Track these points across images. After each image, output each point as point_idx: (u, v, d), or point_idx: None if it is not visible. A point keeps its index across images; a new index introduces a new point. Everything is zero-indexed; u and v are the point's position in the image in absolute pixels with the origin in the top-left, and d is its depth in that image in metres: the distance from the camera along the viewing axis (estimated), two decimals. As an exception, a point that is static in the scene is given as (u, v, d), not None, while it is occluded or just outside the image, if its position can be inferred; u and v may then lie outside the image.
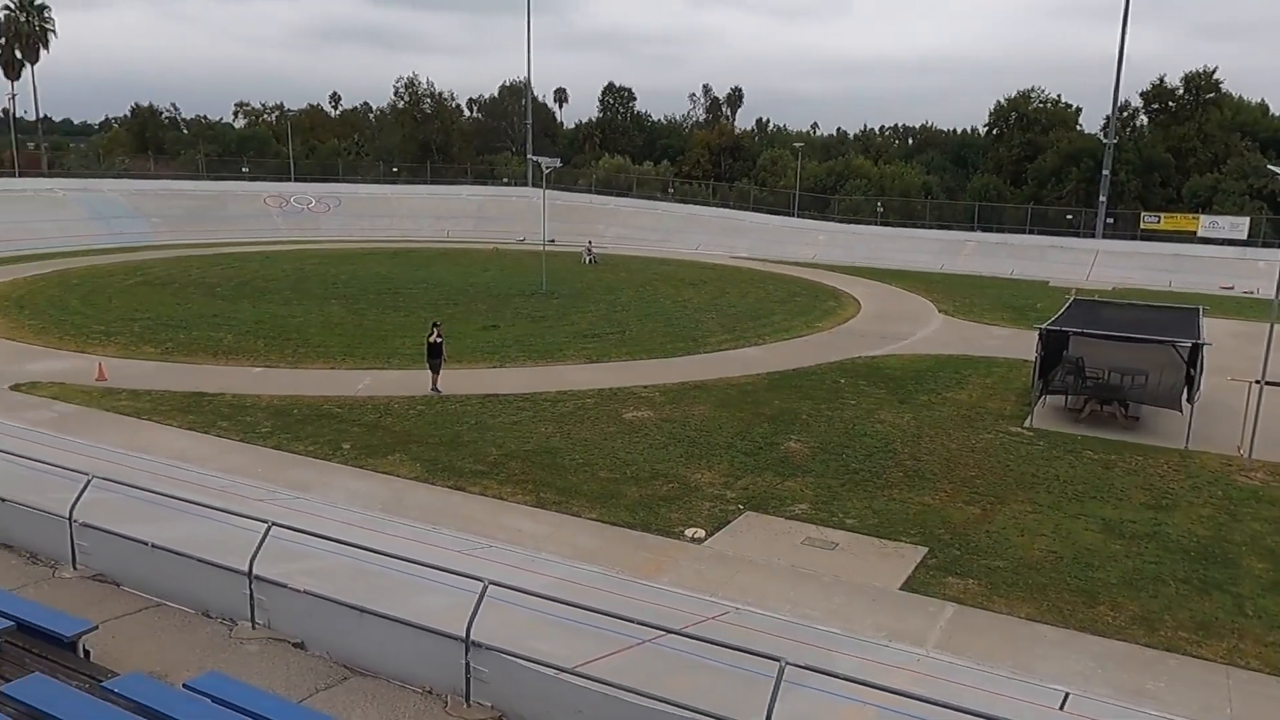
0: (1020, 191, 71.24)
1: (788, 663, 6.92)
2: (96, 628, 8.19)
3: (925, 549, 14.90)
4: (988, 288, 48.27)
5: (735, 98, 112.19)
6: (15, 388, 22.82)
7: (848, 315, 38.35)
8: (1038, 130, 74.31)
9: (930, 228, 65.65)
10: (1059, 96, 77.51)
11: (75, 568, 10.69)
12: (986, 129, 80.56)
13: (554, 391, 23.93)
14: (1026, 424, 22.26)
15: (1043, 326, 23.23)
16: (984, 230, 63.63)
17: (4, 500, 11.36)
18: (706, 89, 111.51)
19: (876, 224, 66.74)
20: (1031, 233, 62.01)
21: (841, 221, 67.43)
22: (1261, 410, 20.17)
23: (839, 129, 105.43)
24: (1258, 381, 20.56)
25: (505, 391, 23.76)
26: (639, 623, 8.54)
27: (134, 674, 7.23)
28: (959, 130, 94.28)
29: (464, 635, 7.97)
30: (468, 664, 8.03)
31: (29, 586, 10.02)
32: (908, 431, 21.47)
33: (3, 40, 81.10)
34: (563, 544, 14.59)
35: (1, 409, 20.51)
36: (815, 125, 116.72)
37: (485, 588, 8.02)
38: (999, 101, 77.89)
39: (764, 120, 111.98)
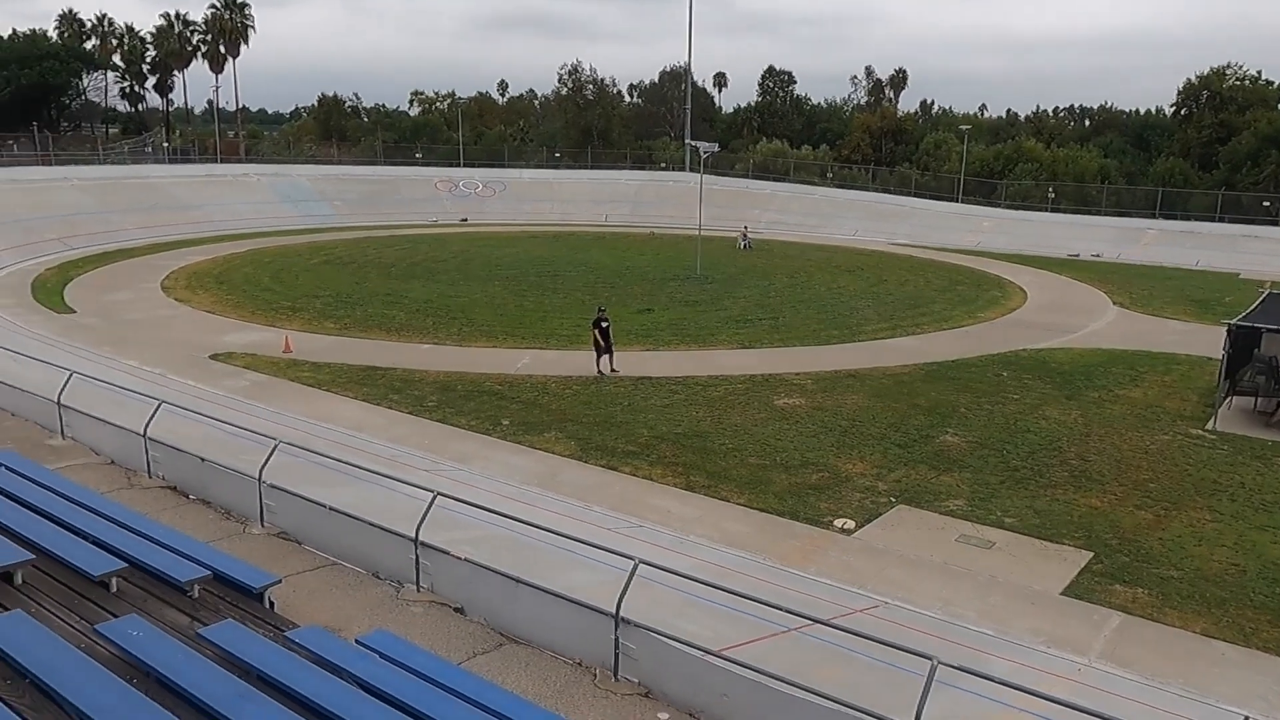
0: (1210, 176, 65.97)
1: (940, 662, 6.81)
2: (280, 581, 8.91)
3: (1090, 553, 14.16)
4: (1169, 279, 45.01)
5: (899, 79, 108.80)
6: (214, 357, 24.89)
7: (1013, 305, 36.65)
8: (1232, 110, 68.54)
9: (1106, 214, 61.71)
10: (1259, 73, 71.35)
11: (263, 525, 11.63)
12: (1173, 109, 75.05)
13: (706, 376, 24.05)
14: (1209, 426, 20.72)
15: (1232, 322, 21.52)
16: (1166, 218, 59.28)
17: (204, 460, 12.48)
18: (869, 71, 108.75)
19: (1047, 210, 63.29)
20: (1221, 220, 57.28)
21: (1009, 208, 64.35)
22: None
23: (1009, 111, 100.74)
24: None
25: (658, 374, 24.06)
26: (786, 610, 8.56)
27: (313, 626, 7.84)
28: (1142, 111, 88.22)
29: (614, 611, 8.22)
30: (617, 639, 8.27)
31: (223, 540, 10.99)
32: (1075, 429, 20.40)
33: (209, 36, 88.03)
34: (711, 528, 14.71)
35: (202, 377, 22.42)
36: (983, 107, 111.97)
37: (635, 566, 8.24)
38: (1189, 80, 72.54)
39: (928, 102, 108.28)
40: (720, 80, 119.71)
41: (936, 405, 21.94)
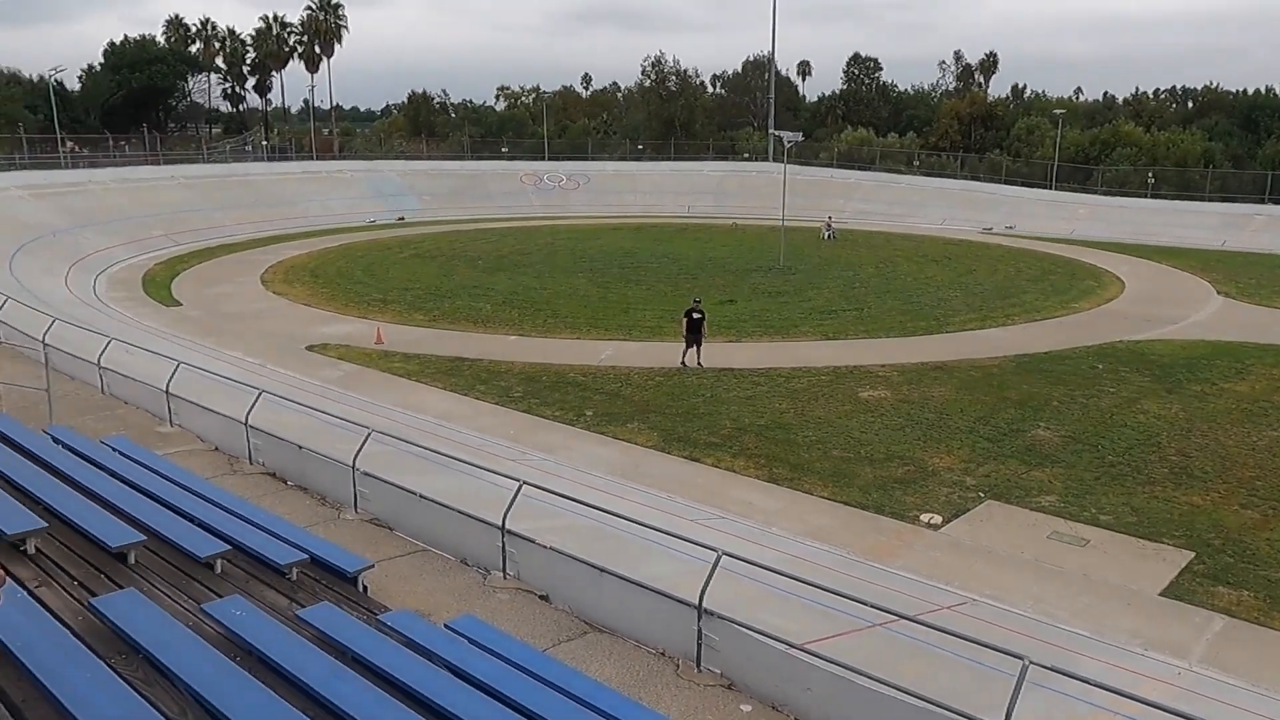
0: (1325, 159, 62.37)
1: (1031, 662, 6.66)
2: (373, 566, 9.21)
3: (1191, 553, 13.62)
4: (1279, 268, 42.84)
5: (989, 64, 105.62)
6: (310, 348, 25.76)
7: (1109, 295, 35.35)
8: (1354, 87, 64.61)
9: (1211, 200, 58.92)
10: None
11: (356, 511, 12.02)
12: (1286, 88, 71.03)
13: (789, 368, 23.86)
14: (1326, 423, 19.68)
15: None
16: (1277, 203, 56.25)
17: (301, 448, 12.94)
18: (958, 55, 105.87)
19: (1146, 196, 60.76)
20: (1339, 206, 54.17)
21: (1105, 194, 62.00)
22: None
23: (1106, 93, 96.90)
24: None
25: (740, 366, 23.97)
26: (870, 605, 8.47)
27: (404, 610, 8.08)
28: (1250, 91, 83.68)
29: (697, 602, 8.26)
30: (699, 630, 8.31)
31: (319, 525, 11.38)
32: (1176, 424, 19.60)
33: (305, 37, 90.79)
34: (793, 520, 14.62)
35: (299, 367, 23.24)
36: (1079, 90, 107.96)
37: (719, 558, 8.26)
38: (1304, 56, 68.35)
39: (1020, 86, 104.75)
40: (804, 68, 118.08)
41: (1028, 398, 21.34)
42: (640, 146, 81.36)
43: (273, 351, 24.87)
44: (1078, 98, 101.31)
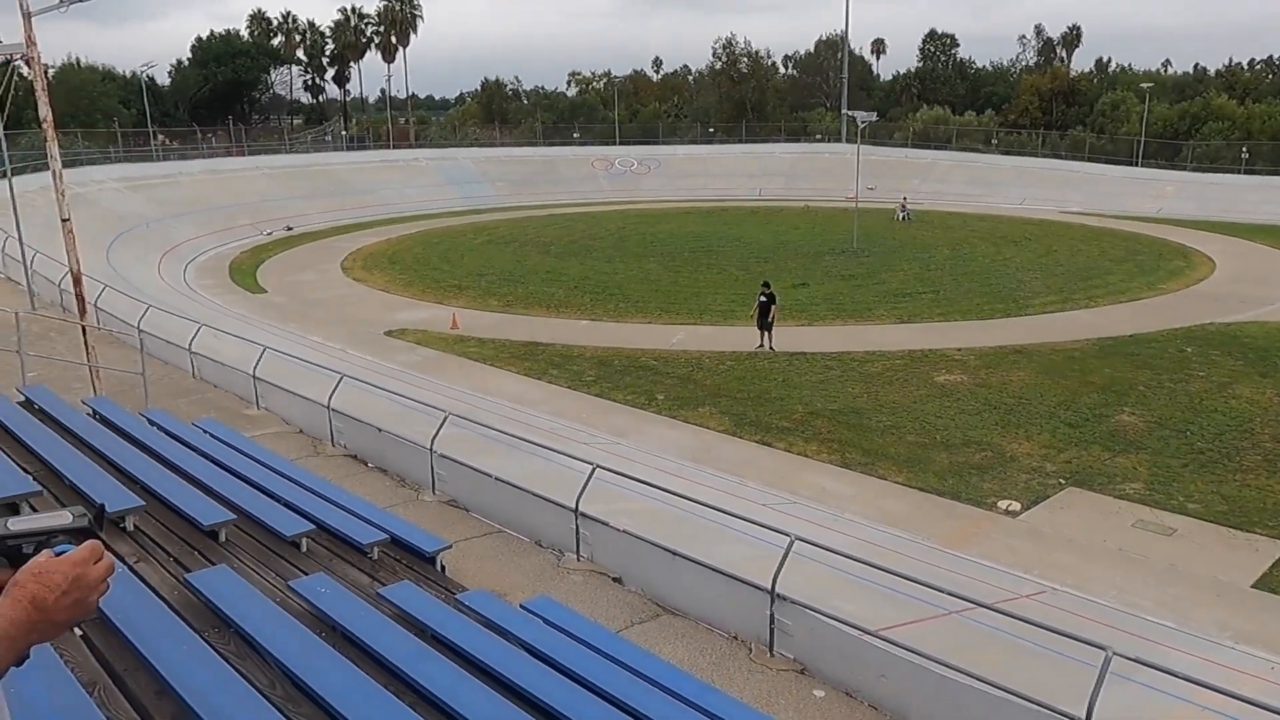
0: None
1: (1114, 653, 6.50)
2: (451, 546, 9.41)
3: (1288, 545, 13.11)
4: (1391, 245, 40.59)
5: (1072, 37, 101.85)
6: (388, 333, 26.37)
7: (1199, 276, 34.00)
8: None
9: (1311, 175, 56.14)
10: None
11: (434, 492, 12.28)
12: (1398, 54, 67.00)
13: (862, 351, 23.55)
14: None
15: None
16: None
17: (381, 431, 13.27)
18: (1038, 29, 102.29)
19: (1239, 172, 58.09)
20: None
21: (1195, 170, 59.49)
22: None
23: (1197, 65, 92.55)
24: None
25: (813, 350, 23.75)
26: (946, 592, 8.36)
27: (481, 590, 8.25)
28: (1357, 58, 79.15)
29: (769, 587, 8.25)
30: (772, 615, 8.30)
31: (398, 506, 11.66)
32: (1271, 409, 18.80)
33: (381, 28, 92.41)
34: (867, 505, 14.48)
35: (378, 352, 23.80)
36: (1167, 63, 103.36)
37: (792, 542, 8.24)
38: None
39: (1104, 60, 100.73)
40: (878, 47, 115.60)
41: (1111, 383, 20.70)
42: (711, 130, 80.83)
43: (353, 336, 25.51)
44: (1166, 70, 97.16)
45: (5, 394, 11.01)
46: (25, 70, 18.18)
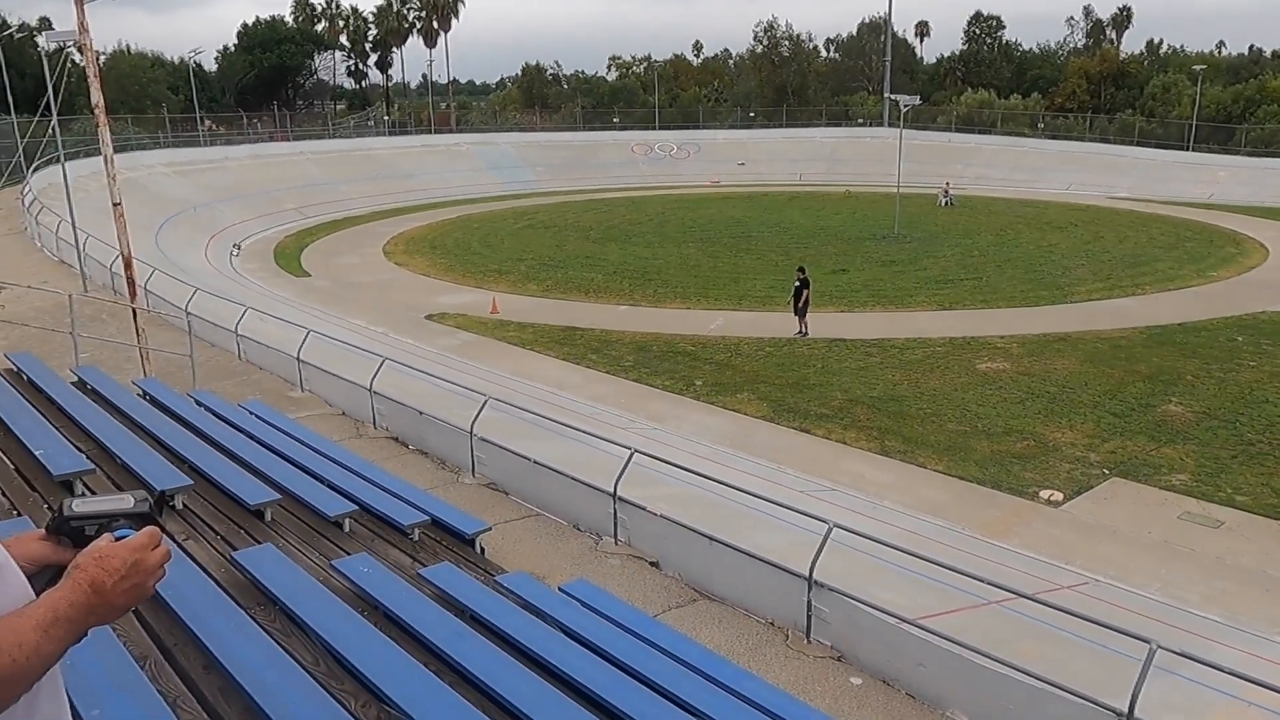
0: None
1: (1159, 646, 6.41)
2: (490, 528, 9.50)
3: (1341, 540, 12.81)
4: None
5: (1122, 18, 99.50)
6: (429, 317, 26.60)
7: (1251, 263, 33.15)
8: None
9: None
10: None
11: (473, 475, 12.40)
12: None
13: (903, 338, 23.33)
14: None
15: None
16: None
17: (422, 414, 13.41)
18: (1087, 10, 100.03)
19: (1297, 156, 56.56)
20: None
21: (1249, 155, 57.93)
22: None
23: (1252, 46, 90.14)
24: None
25: (853, 336, 23.57)
26: (987, 582, 8.29)
27: (520, 573, 8.33)
28: None
29: (807, 573, 8.24)
30: (809, 602, 8.29)
31: (439, 488, 11.79)
32: (1328, 402, 18.36)
33: (423, 13, 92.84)
34: (906, 494, 14.38)
35: (420, 335, 24.03)
36: (1221, 44, 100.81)
37: (830, 529, 8.22)
38: None
39: (1155, 42, 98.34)
40: (922, 29, 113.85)
41: (1158, 372, 20.31)
42: (752, 114, 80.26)
43: (395, 320, 25.77)
44: (1220, 52, 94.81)
45: (59, 374, 11.29)
46: (77, 57, 18.55)
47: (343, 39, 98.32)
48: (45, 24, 62.17)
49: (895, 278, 31.27)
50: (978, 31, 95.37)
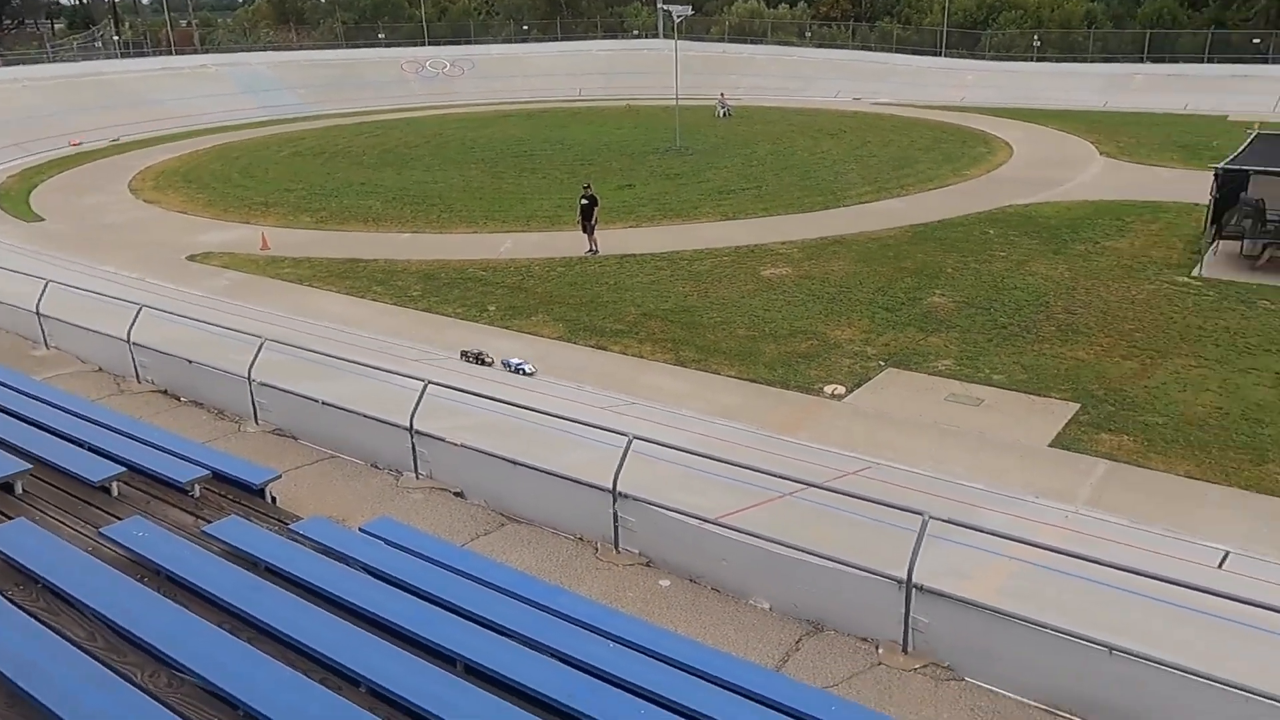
0: (1199, 16, 64.01)
1: (930, 516, 6.98)
2: (280, 476, 8.99)
3: (1077, 405, 14.42)
4: (1157, 125, 44.34)
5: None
6: (191, 258, 24.51)
7: (998, 161, 36.18)
8: (1225, -59, 65.95)
9: (1094, 62, 60.30)
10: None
11: (257, 423, 11.68)
12: (1165, -57, 71.92)
13: (690, 250, 23.86)
14: (1195, 273, 20.80)
15: (1219, 166, 21.33)
16: (1155, 61, 57.90)
17: (192, 362, 12.43)
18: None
19: (1032, 60, 61.78)
20: (1210, 62, 56.00)
21: (993, 59, 62.77)
22: None
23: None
24: None
25: (642, 251, 23.85)
26: (780, 476, 8.72)
27: (316, 518, 7.94)
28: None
29: (611, 487, 8.35)
30: (615, 514, 8.44)
31: (219, 440, 11.04)
32: (1061, 284, 20.46)
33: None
34: (702, 401, 14.87)
35: (181, 278, 22.12)
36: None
37: (630, 442, 8.33)
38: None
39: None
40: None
41: (923, 267, 21.91)
42: (526, 27, 78.20)
43: (151, 263, 23.58)
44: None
45: None
46: None
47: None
48: None
49: (680, 190, 31.79)
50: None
